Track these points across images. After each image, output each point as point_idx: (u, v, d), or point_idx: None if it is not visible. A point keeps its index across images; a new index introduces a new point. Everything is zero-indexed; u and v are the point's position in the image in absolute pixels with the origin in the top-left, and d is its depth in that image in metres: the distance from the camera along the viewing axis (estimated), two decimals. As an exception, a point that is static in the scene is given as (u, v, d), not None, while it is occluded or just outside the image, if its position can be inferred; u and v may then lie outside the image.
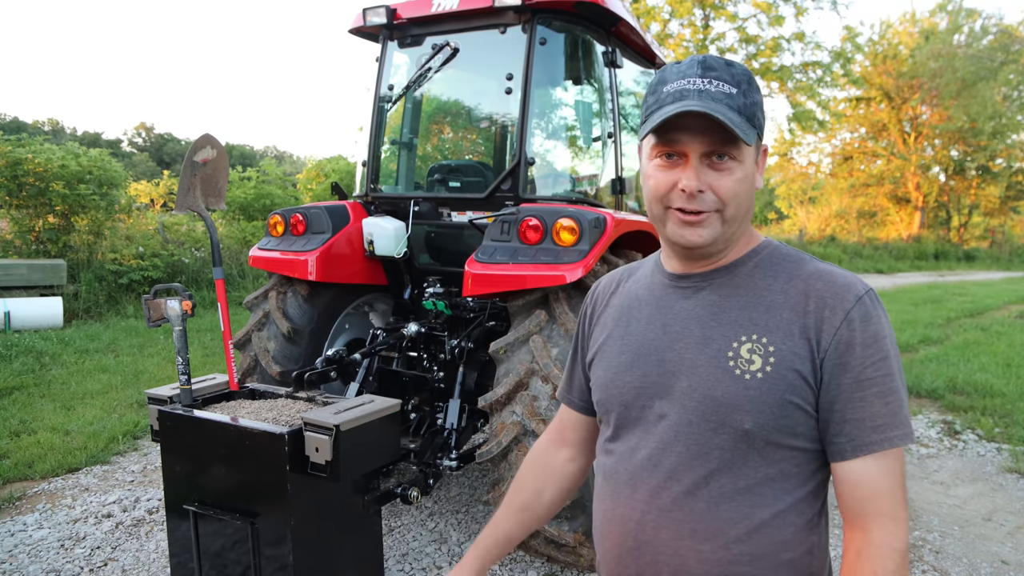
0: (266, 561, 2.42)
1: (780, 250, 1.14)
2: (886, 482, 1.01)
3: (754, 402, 1.03)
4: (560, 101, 4.09)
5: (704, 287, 1.13)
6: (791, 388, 1.03)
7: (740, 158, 1.05)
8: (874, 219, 33.85)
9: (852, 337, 1.02)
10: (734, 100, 1.03)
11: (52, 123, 49.45)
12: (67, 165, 9.64)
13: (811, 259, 1.12)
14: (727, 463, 1.06)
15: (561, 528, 2.93)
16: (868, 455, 1.01)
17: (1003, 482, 4.50)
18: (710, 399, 1.06)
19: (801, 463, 1.07)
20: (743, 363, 1.05)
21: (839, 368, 1.02)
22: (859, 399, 1.01)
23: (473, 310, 3.59)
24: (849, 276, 1.07)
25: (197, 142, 2.89)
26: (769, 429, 1.04)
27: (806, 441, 1.05)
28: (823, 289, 1.05)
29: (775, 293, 1.08)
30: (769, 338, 1.05)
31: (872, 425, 1.01)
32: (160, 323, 2.66)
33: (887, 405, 1.01)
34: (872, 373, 1.01)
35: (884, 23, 35.93)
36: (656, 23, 19.59)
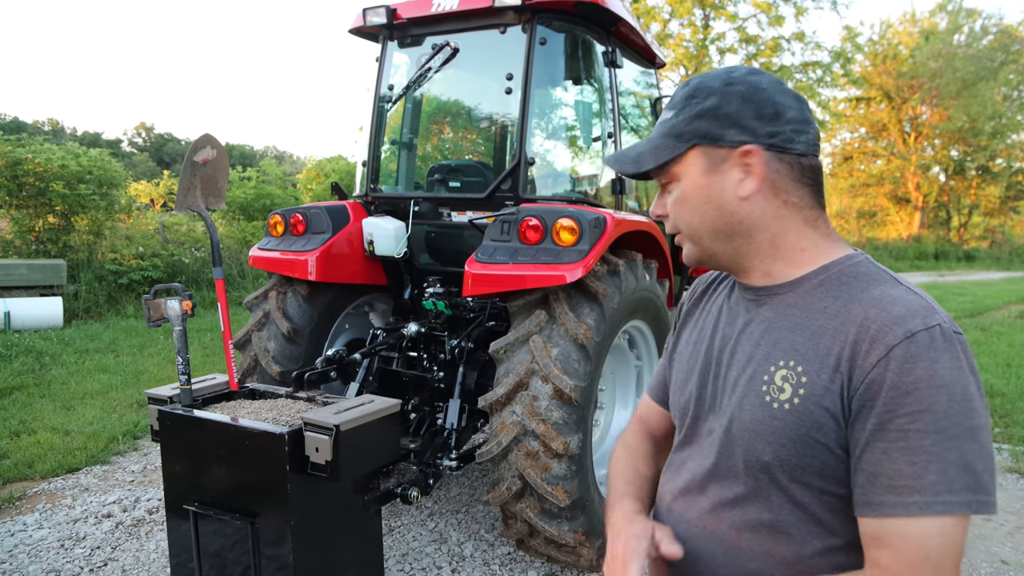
0: (266, 561, 2.43)
1: (858, 267, 1.00)
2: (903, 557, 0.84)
3: (776, 434, 0.95)
4: (560, 101, 4.09)
5: (765, 302, 1.05)
6: (817, 425, 0.92)
7: (677, 176, 1.05)
8: (874, 219, 33.85)
9: (884, 377, 0.86)
10: (665, 125, 1.05)
11: (52, 123, 49.48)
12: (67, 165, 9.65)
13: (890, 281, 0.97)
14: (752, 491, 1.00)
15: (561, 528, 2.93)
16: (877, 515, 0.88)
17: (1003, 482, 4.50)
18: (739, 422, 1.01)
19: (836, 509, 0.95)
20: (775, 390, 0.97)
21: (864, 410, 0.88)
22: (879, 450, 0.87)
23: (473, 310, 3.59)
24: (915, 306, 0.90)
25: (197, 142, 2.89)
26: (791, 466, 0.95)
27: (839, 486, 0.93)
28: (874, 317, 0.90)
29: (827, 317, 0.96)
30: (805, 367, 0.95)
31: (887, 484, 0.86)
32: (160, 323, 2.66)
33: (912, 464, 0.84)
34: (903, 424, 0.85)
35: (884, 23, 36.01)
36: (656, 23, 19.59)
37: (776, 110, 0.99)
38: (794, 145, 1.00)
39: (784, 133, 0.99)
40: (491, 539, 3.57)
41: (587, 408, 2.97)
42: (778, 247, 1.03)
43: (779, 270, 1.03)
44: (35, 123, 44.03)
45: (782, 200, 1.01)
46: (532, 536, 3.06)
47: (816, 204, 1.03)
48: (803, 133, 1.00)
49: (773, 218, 1.01)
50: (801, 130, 1.00)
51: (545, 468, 2.86)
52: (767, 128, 0.99)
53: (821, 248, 1.02)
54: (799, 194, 1.01)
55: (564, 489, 2.86)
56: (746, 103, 0.99)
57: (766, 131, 0.99)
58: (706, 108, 1.00)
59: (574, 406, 2.88)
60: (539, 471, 2.86)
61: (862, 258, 1.01)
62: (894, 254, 26.11)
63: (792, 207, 1.01)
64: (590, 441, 3.07)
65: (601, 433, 3.51)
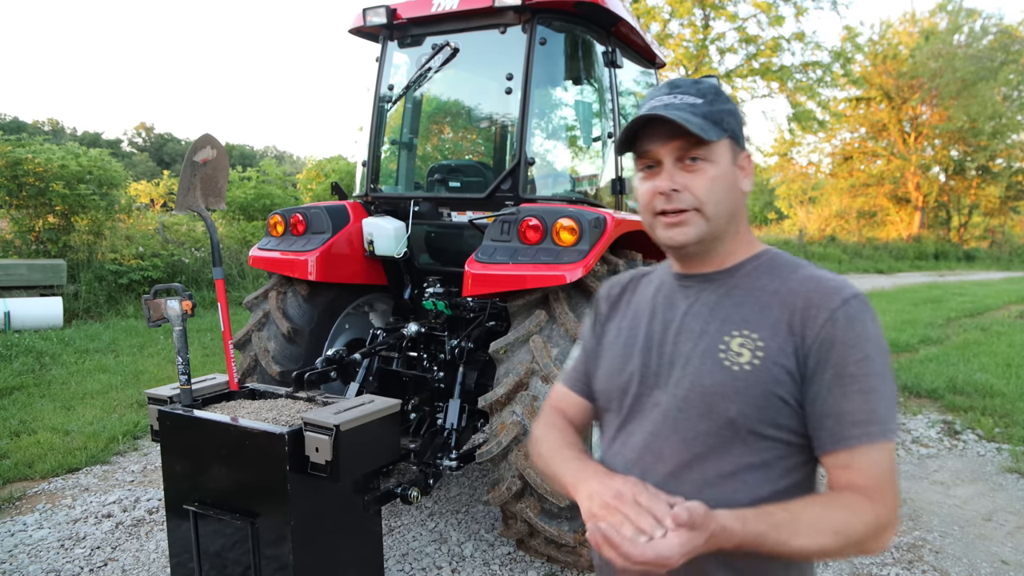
0: (266, 561, 2.43)
1: (780, 257, 1.21)
2: (870, 475, 1.04)
3: (740, 392, 1.09)
4: (560, 101, 4.09)
5: (706, 287, 1.20)
6: (776, 381, 1.08)
7: (712, 159, 1.14)
8: (874, 219, 33.84)
9: (835, 335, 1.06)
10: (698, 108, 1.13)
11: (52, 123, 49.48)
12: (67, 165, 9.64)
13: (809, 265, 1.18)
14: (712, 448, 1.11)
15: (561, 528, 2.93)
16: (848, 448, 1.06)
17: (1003, 482, 4.50)
18: (699, 387, 1.12)
19: (784, 455, 1.11)
20: (733, 355, 1.11)
21: (821, 364, 1.07)
22: (839, 395, 1.06)
23: (473, 310, 3.59)
24: (840, 281, 1.13)
25: (197, 142, 2.89)
26: (753, 419, 1.09)
27: (790, 434, 1.10)
28: (812, 290, 1.11)
29: (769, 294, 1.14)
30: (760, 334, 1.11)
31: (852, 420, 1.05)
32: (160, 323, 2.66)
33: (866, 401, 1.05)
34: (853, 371, 1.05)
35: (884, 23, 35.96)
36: (656, 23, 19.59)
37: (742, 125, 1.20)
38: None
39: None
40: (491, 539, 3.57)
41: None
42: (739, 236, 1.21)
43: (727, 258, 1.20)
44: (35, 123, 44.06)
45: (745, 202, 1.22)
46: (532, 536, 3.06)
47: None
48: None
49: (743, 214, 1.21)
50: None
51: (545, 468, 2.86)
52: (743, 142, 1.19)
53: (753, 242, 1.23)
54: None
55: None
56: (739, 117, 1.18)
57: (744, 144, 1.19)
58: (731, 110, 1.16)
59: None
60: (539, 471, 2.85)
61: (776, 250, 1.23)
62: (894, 254, 26.10)
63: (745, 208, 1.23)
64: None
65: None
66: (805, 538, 0.99)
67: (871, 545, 1.03)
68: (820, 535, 1.00)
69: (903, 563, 3.46)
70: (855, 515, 1.01)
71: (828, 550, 1.02)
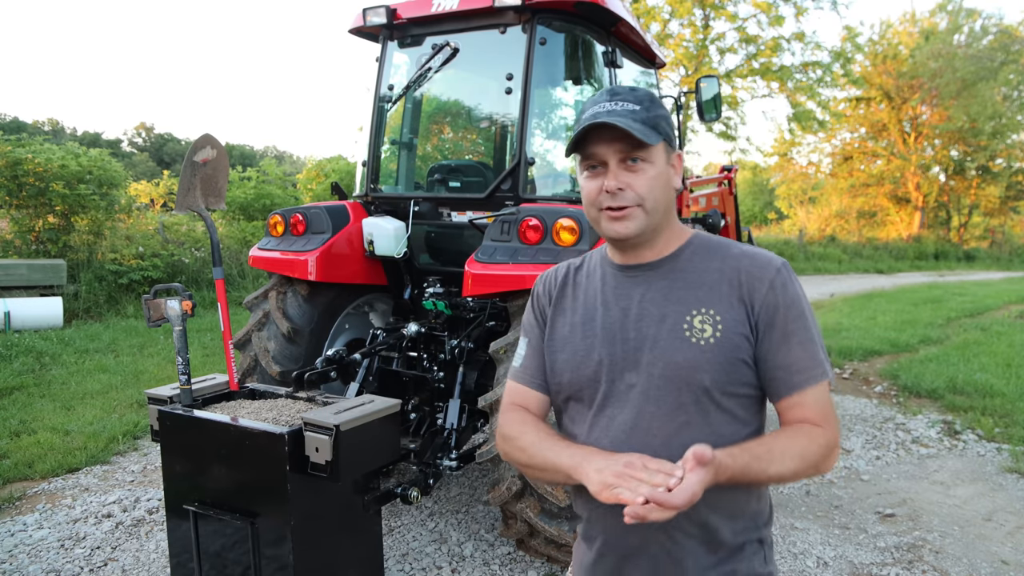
0: (266, 561, 2.43)
1: (709, 239, 1.36)
2: (817, 409, 1.26)
3: (710, 363, 1.25)
4: (560, 101, 4.09)
5: (654, 274, 1.33)
6: (737, 348, 1.25)
7: (650, 160, 1.27)
8: (874, 219, 33.82)
9: (776, 300, 1.26)
10: (637, 114, 1.25)
11: (52, 123, 49.46)
12: (67, 165, 9.64)
13: (734, 243, 1.35)
14: (693, 415, 1.26)
15: (561, 528, 2.93)
16: (799, 391, 1.26)
17: (1003, 482, 4.50)
18: (673, 364, 1.26)
19: (748, 406, 1.30)
20: (697, 332, 1.26)
21: (768, 327, 1.26)
22: (786, 350, 1.26)
23: (473, 310, 3.59)
24: (768, 254, 1.31)
25: (197, 142, 2.89)
26: (723, 383, 1.25)
27: (751, 389, 1.29)
28: (750, 265, 1.29)
29: (712, 273, 1.30)
30: (716, 310, 1.27)
31: (797, 368, 1.26)
32: (160, 323, 2.66)
33: (806, 351, 1.26)
34: (793, 327, 1.26)
35: (884, 23, 35.92)
36: (656, 23, 19.59)
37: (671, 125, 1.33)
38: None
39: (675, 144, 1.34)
40: (491, 539, 3.57)
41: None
42: (672, 227, 1.35)
43: (664, 247, 1.34)
44: (35, 123, 44.03)
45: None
46: (532, 536, 3.06)
47: None
48: None
49: (674, 207, 1.35)
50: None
51: (545, 468, 2.86)
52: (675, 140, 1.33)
53: (682, 230, 1.38)
54: None
55: (564, 489, 2.86)
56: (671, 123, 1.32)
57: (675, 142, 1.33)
58: (664, 115, 1.30)
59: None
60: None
61: (702, 232, 1.39)
62: (894, 254, 26.09)
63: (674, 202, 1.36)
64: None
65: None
66: (779, 464, 1.19)
67: (824, 465, 1.24)
68: (790, 460, 1.20)
69: (903, 563, 3.46)
70: (812, 440, 1.22)
71: (797, 472, 1.22)
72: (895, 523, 3.90)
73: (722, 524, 1.29)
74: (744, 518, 1.32)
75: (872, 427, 5.58)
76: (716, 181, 6.11)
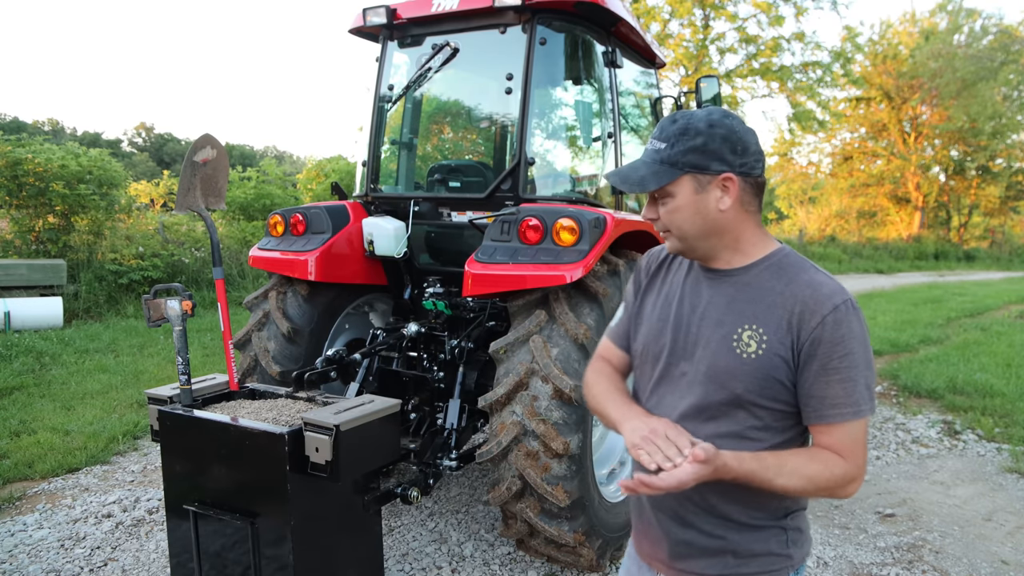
0: (266, 561, 2.43)
1: (789, 257, 1.43)
2: (844, 442, 1.34)
3: (746, 375, 1.36)
4: (560, 101, 4.09)
5: (724, 282, 1.44)
6: (775, 368, 1.35)
7: (671, 193, 1.39)
8: (874, 219, 33.82)
9: (822, 336, 1.32)
10: (660, 154, 1.38)
11: (52, 123, 49.44)
12: (67, 165, 9.64)
13: (811, 268, 1.41)
14: (723, 413, 1.40)
15: (561, 528, 2.93)
16: (827, 424, 1.34)
17: (1003, 482, 4.50)
18: (715, 367, 1.39)
19: (780, 419, 1.39)
20: (743, 345, 1.37)
21: (810, 357, 1.33)
22: (824, 383, 1.33)
23: (473, 310, 3.59)
24: (834, 287, 1.35)
25: (197, 142, 2.89)
26: (754, 394, 1.37)
27: (784, 405, 1.38)
28: (809, 296, 1.35)
29: (775, 294, 1.38)
30: (765, 329, 1.36)
31: (831, 403, 1.33)
32: (160, 323, 2.66)
33: (843, 389, 1.32)
34: (836, 364, 1.32)
35: (884, 23, 35.98)
36: (656, 23, 19.58)
37: (744, 146, 1.37)
38: (755, 171, 1.40)
39: (749, 163, 1.38)
40: (491, 539, 3.57)
41: (587, 408, 2.96)
42: (739, 243, 1.43)
43: (737, 260, 1.44)
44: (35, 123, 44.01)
45: (745, 210, 1.41)
46: (532, 536, 3.06)
47: (760, 210, 1.46)
48: (760, 161, 1.41)
49: (738, 223, 1.41)
50: (759, 159, 1.40)
51: (545, 468, 2.86)
52: (739, 160, 1.37)
53: (764, 243, 1.45)
54: (755, 205, 1.43)
55: (564, 489, 2.86)
56: (725, 142, 1.36)
57: (739, 162, 1.37)
58: (696, 145, 1.36)
59: (574, 406, 2.88)
60: (539, 471, 2.86)
61: (788, 250, 1.45)
62: (894, 254, 26.09)
63: (750, 214, 1.43)
64: (590, 441, 3.07)
65: (601, 433, 3.50)
66: (786, 479, 1.30)
67: (840, 492, 1.34)
68: (798, 479, 1.31)
69: (903, 563, 3.46)
70: (827, 468, 1.32)
71: (804, 491, 1.33)
72: (895, 523, 3.91)
73: (733, 510, 1.43)
74: (762, 508, 1.43)
75: (872, 427, 5.58)
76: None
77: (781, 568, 1.46)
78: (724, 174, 1.36)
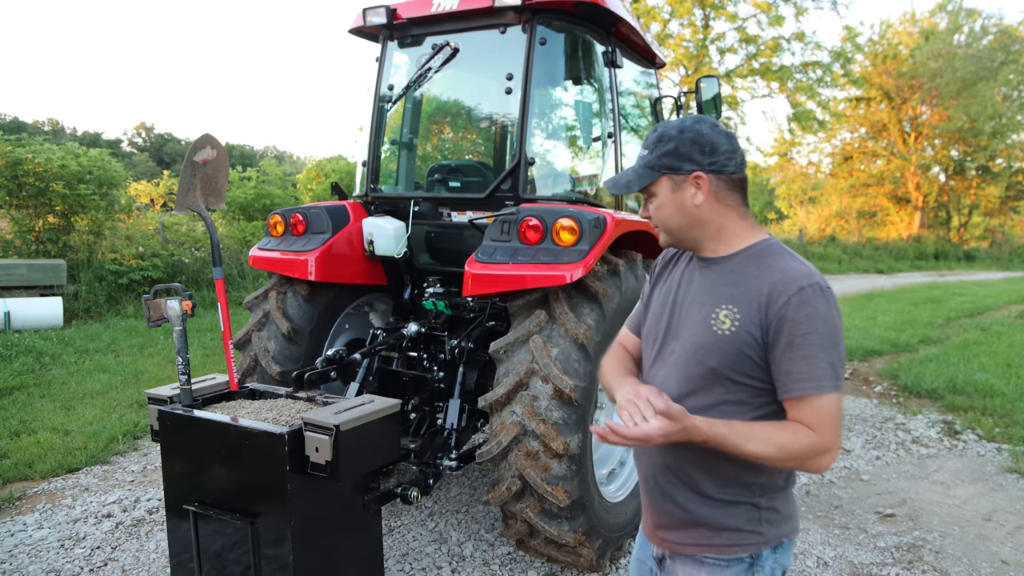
0: (266, 561, 2.43)
1: (770, 246, 1.55)
2: (813, 416, 1.42)
3: (720, 350, 1.49)
4: (560, 101, 4.09)
5: (711, 269, 1.59)
6: (745, 343, 1.47)
7: (655, 193, 1.58)
8: (874, 219, 33.80)
9: (787, 315, 1.43)
10: (643, 160, 1.58)
11: (52, 123, 49.43)
12: (67, 165, 9.63)
13: (787, 255, 1.53)
14: (700, 387, 1.53)
15: (561, 528, 2.93)
16: (794, 398, 1.44)
17: (1003, 482, 4.50)
18: (695, 343, 1.54)
19: (754, 395, 1.50)
20: (719, 323, 1.50)
21: (776, 335, 1.44)
22: (788, 359, 1.43)
23: (473, 310, 3.59)
24: (803, 271, 1.47)
25: (197, 142, 2.89)
26: (728, 369, 1.49)
27: (757, 381, 1.49)
28: (779, 279, 1.47)
29: (751, 278, 1.51)
30: (739, 308, 1.49)
31: (795, 378, 1.42)
32: (160, 323, 2.66)
33: (807, 364, 1.41)
34: (800, 342, 1.41)
35: (884, 23, 35.97)
36: (656, 23, 19.58)
37: (713, 147, 1.52)
38: (726, 168, 1.54)
39: (719, 161, 1.52)
40: (491, 539, 3.57)
41: (587, 408, 2.97)
42: (722, 233, 1.57)
43: (722, 248, 1.58)
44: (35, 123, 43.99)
45: (722, 204, 1.55)
46: (532, 536, 3.06)
47: (744, 204, 1.58)
48: (732, 159, 1.54)
49: (717, 215, 1.56)
50: (730, 157, 1.54)
51: (545, 468, 2.86)
52: (708, 159, 1.52)
53: (749, 234, 1.58)
54: (733, 199, 1.56)
55: (564, 489, 2.86)
56: (694, 144, 1.52)
57: (707, 161, 1.52)
58: (669, 149, 1.53)
59: (574, 406, 2.88)
60: (539, 471, 2.85)
61: (773, 240, 1.58)
62: (894, 254, 26.08)
63: (728, 207, 1.56)
64: (590, 441, 3.07)
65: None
66: (755, 445, 1.40)
67: (811, 464, 1.42)
68: (767, 446, 1.40)
69: (903, 563, 3.46)
70: (796, 438, 1.41)
71: (772, 458, 1.42)
72: (895, 523, 3.91)
73: (708, 483, 1.55)
74: (736, 484, 1.53)
75: (872, 427, 5.58)
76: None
77: (751, 544, 1.54)
78: (695, 173, 1.52)
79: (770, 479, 1.54)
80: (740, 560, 1.54)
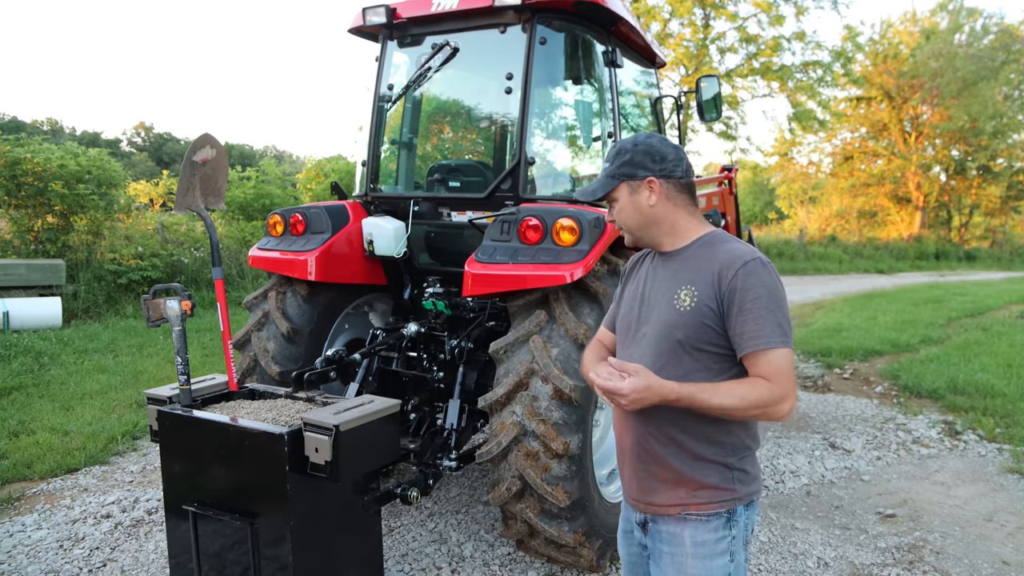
0: (266, 561, 2.42)
1: (717, 236, 1.81)
2: (768, 368, 1.64)
3: (684, 324, 1.72)
4: (560, 101, 4.08)
5: (671, 261, 1.83)
6: (705, 316, 1.70)
7: (616, 198, 1.83)
8: (875, 219, 33.76)
9: (736, 284, 1.67)
10: (606, 171, 1.84)
11: (51, 123, 49.38)
12: (66, 165, 9.63)
13: (733, 241, 1.79)
14: (670, 360, 1.74)
15: (561, 528, 2.93)
16: (749, 353, 1.65)
17: (1004, 482, 4.49)
18: (662, 322, 1.77)
19: (717, 361, 1.72)
20: (681, 301, 1.74)
21: (730, 303, 1.67)
22: (740, 321, 1.66)
23: (473, 310, 3.58)
24: (747, 251, 1.71)
25: (196, 142, 2.88)
26: (692, 339, 1.71)
27: (719, 348, 1.72)
28: (727, 258, 1.71)
29: (704, 261, 1.75)
30: (696, 287, 1.73)
31: (748, 336, 1.65)
32: (159, 323, 2.66)
33: (757, 324, 1.64)
34: (749, 306, 1.65)
35: (885, 22, 35.95)
36: (656, 23, 19.56)
37: (662, 156, 1.79)
38: (675, 173, 1.80)
39: (668, 168, 1.79)
40: (491, 539, 3.57)
41: (587, 408, 2.96)
42: (675, 229, 1.83)
43: (678, 242, 1.83)
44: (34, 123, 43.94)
45: (673, 203, 1.81)
46: (532, 536, 3.06)
47: (692, 204, 1.84)
48: (678, 166, 1.80)
49: (669, 214, 1.81)
50: (677, 164, 1.80)
51: (545, 468, 2.85)
52: (658, 166, 1.78)
53: (697, 228, 1.83)
54: (682, 200, 1.82)
55: (564, 489, 2.86)
56: (646, 154, 1.79)
57: (658, 168, 1.78)
58: (625, 160, 1.80)
59: (574, 406, 2.87)
60: (539, 471, 2.85)
61: (718, 231, 1.84)
62: (894, 254, 26.05)
63: (679, 206, 1.82)
64: (590, 441, 3.06)
65: (601, 433, 3.49)
66: (720, 398, 1.61)
67: (772, 411, 1.62)
68: (731, 398, 1.61)
69: (903, 563, 3.45)
70: (755, 389, 1.62)
71: (737, 408, 1.61)
72: (896, 523, 3.90)
73: (688, 440, 1.75)
74: (715, 444, 1.75)
75: (873, 427, 5.58)
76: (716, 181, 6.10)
77: (726, 500, 1.75)
78: (648, 178, 1.78)
79: (738, 439, 1.76)
80: (718, 515, 1.76)
